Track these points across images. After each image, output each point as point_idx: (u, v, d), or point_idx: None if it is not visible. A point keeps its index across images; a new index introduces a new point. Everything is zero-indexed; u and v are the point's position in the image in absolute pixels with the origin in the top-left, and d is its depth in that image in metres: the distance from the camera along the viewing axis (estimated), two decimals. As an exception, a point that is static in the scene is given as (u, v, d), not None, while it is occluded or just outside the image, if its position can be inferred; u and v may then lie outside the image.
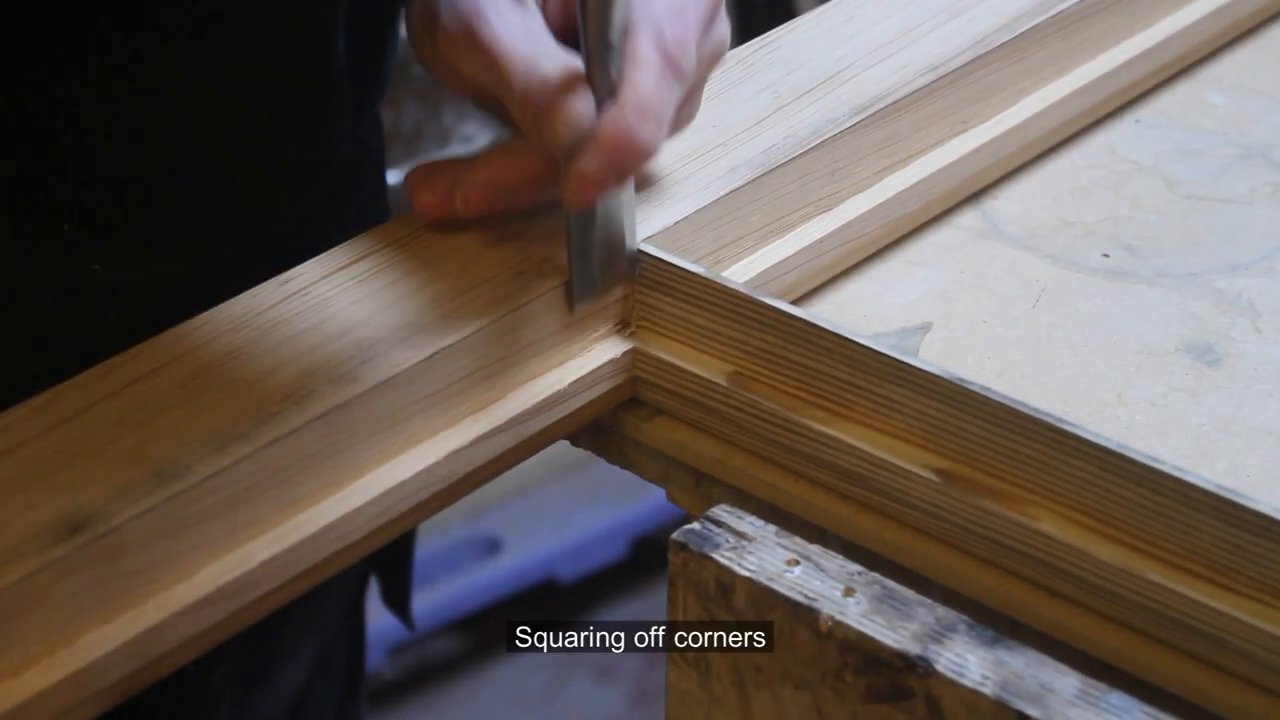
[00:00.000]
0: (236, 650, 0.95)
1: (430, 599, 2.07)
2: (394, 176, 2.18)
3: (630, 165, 0.73)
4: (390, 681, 2.12)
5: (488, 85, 0.76)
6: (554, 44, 0.76)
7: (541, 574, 2.18)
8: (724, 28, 0.79)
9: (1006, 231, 0.88)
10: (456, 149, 2.05)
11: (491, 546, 2.18)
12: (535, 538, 2.20)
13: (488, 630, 2.18)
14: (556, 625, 2.19)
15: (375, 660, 2.05)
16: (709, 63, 0.79)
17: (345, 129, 0.89)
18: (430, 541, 2.10)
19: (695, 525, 0.69)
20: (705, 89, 0.81)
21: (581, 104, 0.73)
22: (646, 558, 2.23)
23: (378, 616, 1.18)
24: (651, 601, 2.20)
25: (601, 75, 0.73)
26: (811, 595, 0.66)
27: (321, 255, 0.76)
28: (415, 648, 2.13)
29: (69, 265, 0.83)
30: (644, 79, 0.73)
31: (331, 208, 0.92)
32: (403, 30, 0.89)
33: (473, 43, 0.75)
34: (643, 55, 0.73)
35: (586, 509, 2.23)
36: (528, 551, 2.19)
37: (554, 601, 2.21)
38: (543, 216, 0.79)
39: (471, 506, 2.15)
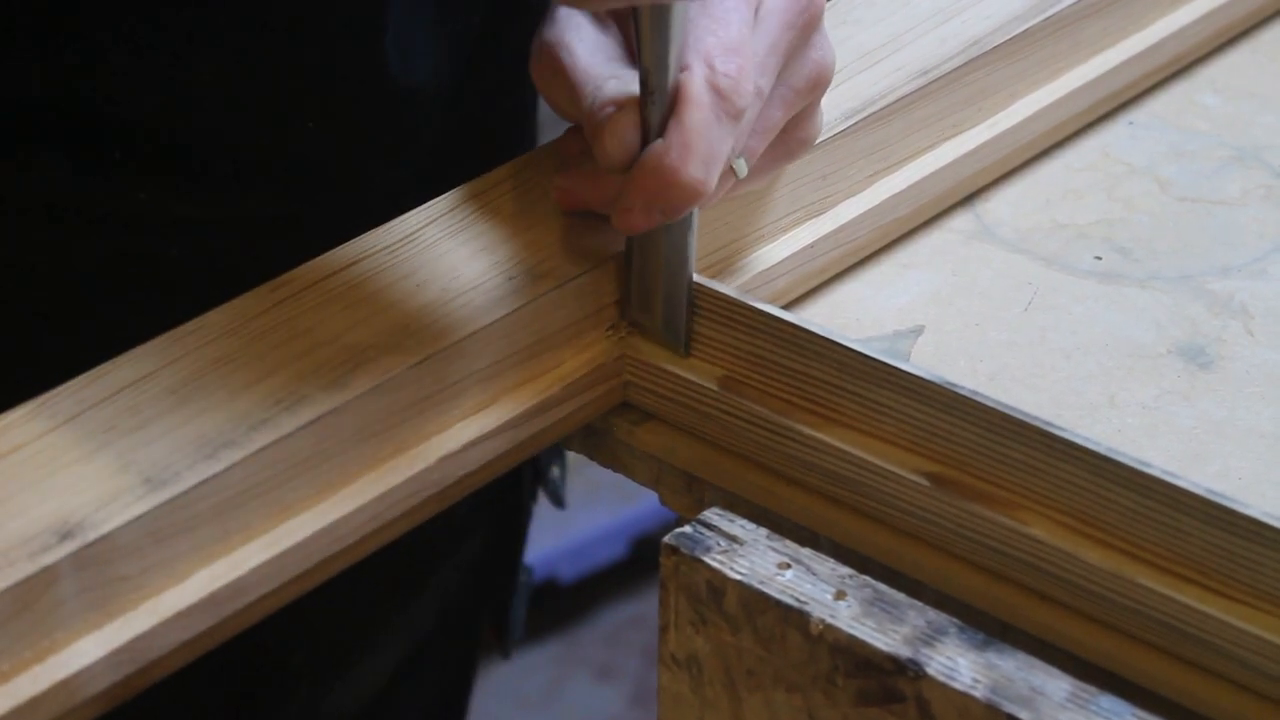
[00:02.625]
0: (316, 638, 0.96)
1: (431, 599, 2.07)
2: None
3: (674, 203, 0.72)
4: (391, 681, 2.12)
5: (571, 111, 0.76)
6: (625, 66, 0.76)
7: (541, 574, 2.18)
8: (819, 52, 0.77)
9: (999, 234, 0.88)
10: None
11: (492, 547, 2.18)
12: (535, 538, 2.20)
13: (488, 630, 2.18)
14: (556, 625, 2.20)
15: (376, 660, 2.05)
16: (808, 88, 0.77)
17: (413, 108, 0.90)
18: (430, 542, 2.09)
19: (686, 528, 0.69)
20: None
21: (630, 121, 0.72)
22: (646, 558, 2.23)
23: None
24: (652, 601, 2.20)
25: (656, 110, 0.72)
26: (803, 598, 0.66)
27: (312, 261, 0.76)
28: (416, 648, 2.13)
29: (116, 193, 0.85)
30: (692, 117, 0.71)
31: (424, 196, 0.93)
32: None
33: (555, 71, 0.76)
34: (693, 93, 0.72)
35: (586, 509, 2.23)
36: (528, 551, 2.18)
37: (554, 601, 2.21)
38: (532, 224, 0.79)
39: (472, 507, 2.15)
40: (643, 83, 0.72)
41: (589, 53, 0.75)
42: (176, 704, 0.70)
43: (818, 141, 0.83)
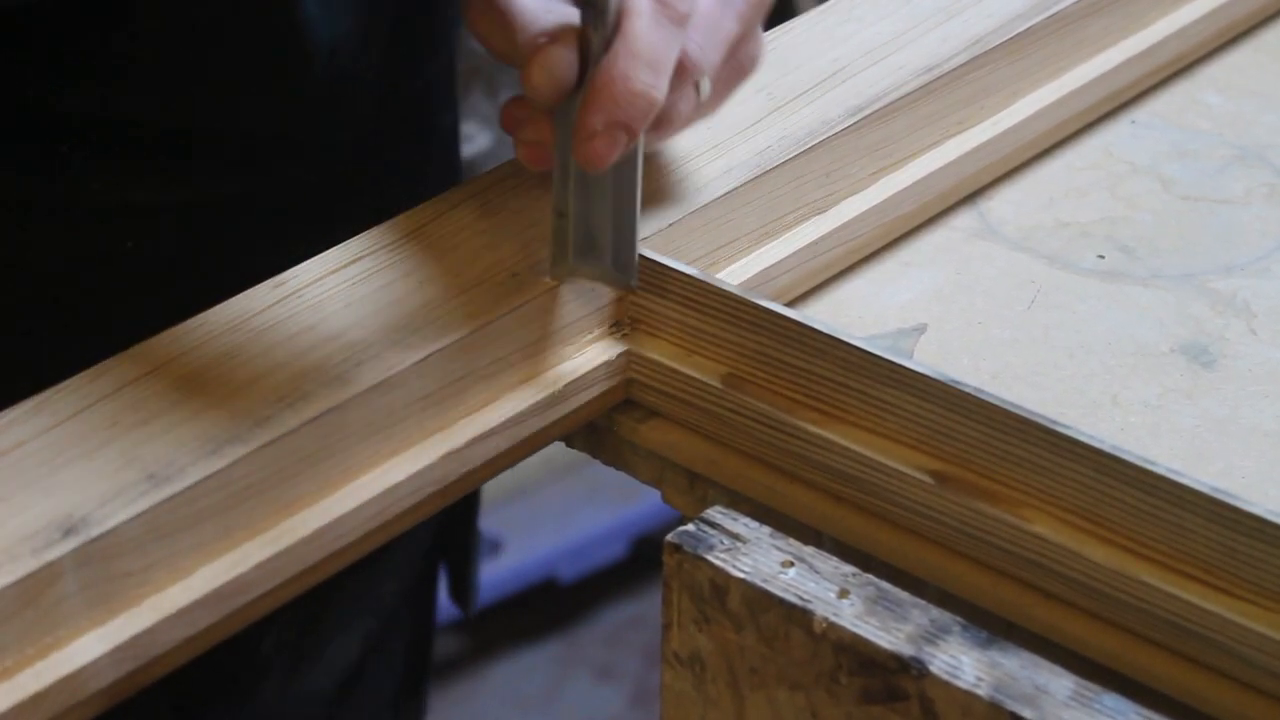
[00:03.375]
0: (286, 620, 0.96)
1: (430, 599, 2.07)
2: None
3: (633, 114, 0.72)
4: (390, 681, 2.12)
5: (508, 52, 0.76)
6: (564, 4, 0.75)
7: (542, 574, 2.18)
8: None
9: (1002, 233, 0.88)
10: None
11: (492, 546, 2.18)
12: (535, 538, 2.20)
13: (488, 630, 2.18)
14: (556, 625, 2.20)
15: (376, 660, 2.05)
16: (749, 9, 0.77)
17: (370, 74, 0.90)
18: (430, 541, 2.10)
19: (690, 527, 0.69)
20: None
21: (562, 53, 0.72)
22: (646, 558, 2.23)
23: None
24: (652, 601, 2.20)
25: (599, 28, 0.72)
26: (806, 597, 0.66)
27: (315, 257, 0.76)
28: (415, 647, 2.13)
29: (67, 184, 0.85)
30: (636, 25, 0.72)
31: (372, 162, 0.92)
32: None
33: (492, 13, 0.76)
34: (632, 3, 0.72)
35: (586, 509, 2.23)
36: (528, 551, 2.19)
37: (554, 601, 2.21)
38: (536, 220, 0.79)
39: (472, 506, 2.15)
40: (589, 4, 0.72)
41: None
42: (148, 695, 0.70)
43: (821, 139, 0.83)
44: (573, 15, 0.74)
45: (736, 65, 0.79)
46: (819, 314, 0.83)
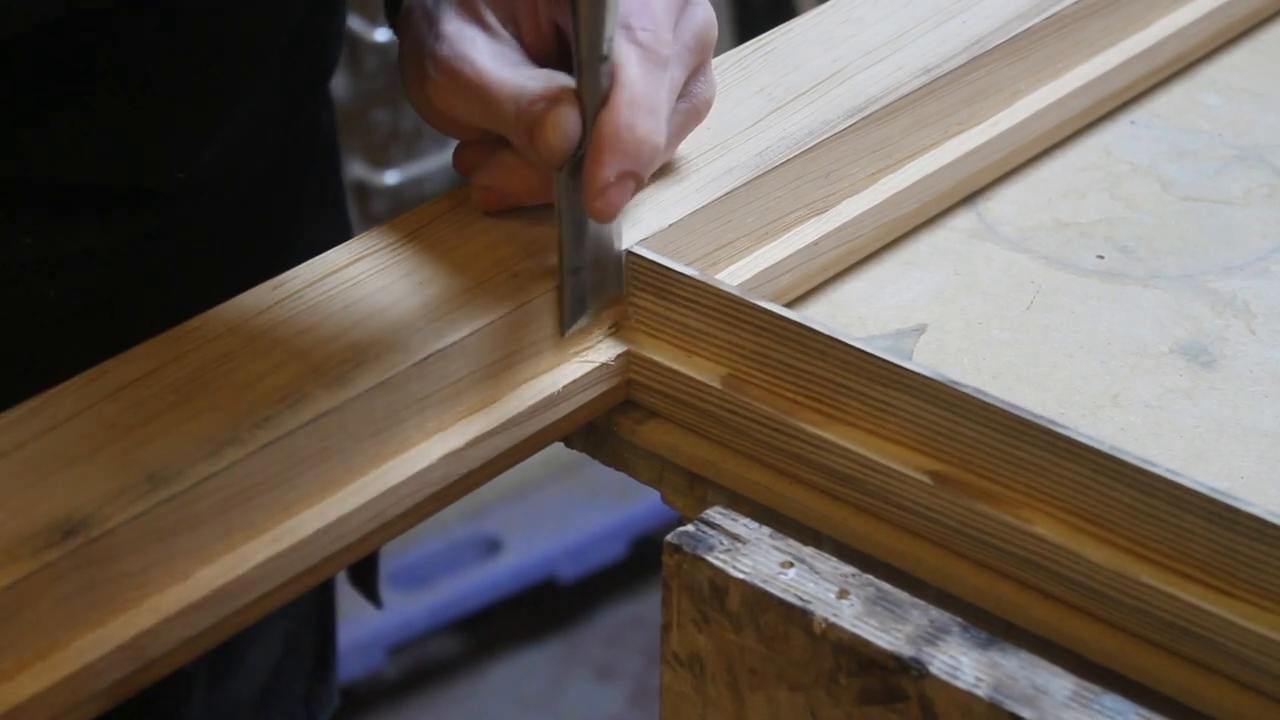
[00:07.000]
0: None
1: (430, 599, 2.07)
2: (394, 176, 2.17)
3: (640, 160, 0.74)
4: (390, 681, 2.12)
5: (483, 122, 0.78)
6: (533, 68, 0.77)
7: (541, 574, 2.18)
8: (702, 10, 0.79)
9: (1001, 233, 0.88)
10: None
11: (491, 546, 2.18)
12: (535, 538, 2.20)
13: (488, 630, 2.18)
14: (556, 625, 2.20)
15: (375, 660, 2.05)
16: (698, 45, 0.79)
17: (274, 107, 0.90)
18: (430, 541, 2.10)
19: (689, 527, 0.69)
20: None
21: (570, 112, 0.74)
22: (646, 558, 2.23)
23: (378, 617, 1.18)
24: (652, 601, 2.20)
25: (594, 85, 0.74)
26: (805, 597, 0.66)
27: (314, 259, 0.77)
28: (415, 648, 2.14)
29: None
30: (631, 74, 0.74)
31: (274, 185, 0.92)
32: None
33: (459, 85, 0.77)
34: (621, 53, 0.74)
35: (586, 509, 2.23)
36: (528, 551, 2.19)
37: (554, 601, 2.22)
38: (537, 220, 0.79)
39: (471, 506, 2.15)
40: (578, 61, 0.74)
41: (492, 61, 0.77)
42: None
43: (821, 140, 0.83)
44: (547, 75, 0.75)
45: (692, 111, 0.80)
46: (818, 315, 0.83)
